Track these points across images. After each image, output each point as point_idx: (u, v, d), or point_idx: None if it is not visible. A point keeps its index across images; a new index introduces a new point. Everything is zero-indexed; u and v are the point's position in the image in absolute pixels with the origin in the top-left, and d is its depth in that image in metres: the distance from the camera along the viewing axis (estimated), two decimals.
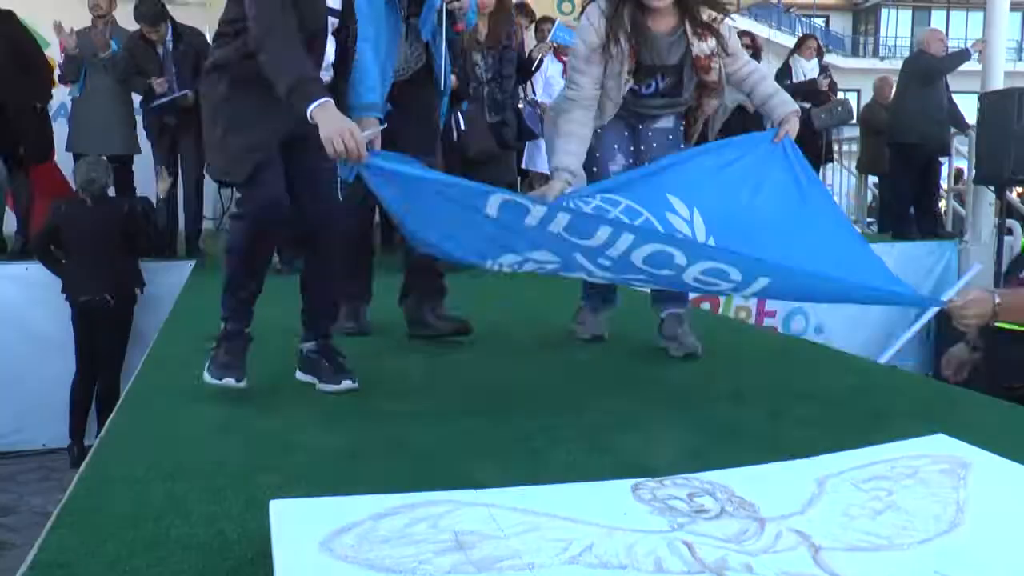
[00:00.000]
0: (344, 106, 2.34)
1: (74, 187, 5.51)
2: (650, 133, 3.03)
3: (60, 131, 7.09)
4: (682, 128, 3.11)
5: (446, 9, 2.97)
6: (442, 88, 3.11)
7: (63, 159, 6.28)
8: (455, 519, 1.42)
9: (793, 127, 2.83)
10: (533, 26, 7.07)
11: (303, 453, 1.95)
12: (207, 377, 2.33)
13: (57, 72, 6.42)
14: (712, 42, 2.86)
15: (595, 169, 2.98)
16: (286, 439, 2.04)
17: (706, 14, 2.83)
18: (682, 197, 2.67)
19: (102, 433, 2.17)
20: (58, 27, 5.95)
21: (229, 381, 2.30)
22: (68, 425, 5.61)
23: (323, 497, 1.52)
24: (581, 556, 1.32)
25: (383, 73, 2.68)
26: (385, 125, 2.47)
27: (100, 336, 5.47)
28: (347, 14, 2.41)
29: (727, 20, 2.93)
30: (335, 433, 2.10)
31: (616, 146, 2.99)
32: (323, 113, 2.11)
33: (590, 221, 2.34)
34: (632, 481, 1.64)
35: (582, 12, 2.95)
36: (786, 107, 2.90)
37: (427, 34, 2.92)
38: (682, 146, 3.08)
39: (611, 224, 2.29)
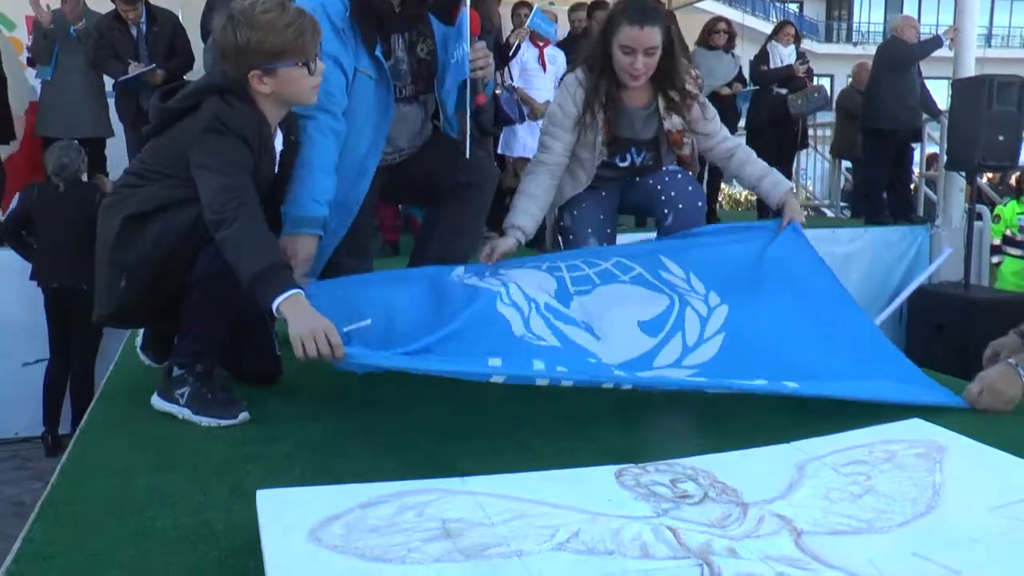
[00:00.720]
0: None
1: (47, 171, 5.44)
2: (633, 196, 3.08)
3: None
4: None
5: (469, 80, 2.73)
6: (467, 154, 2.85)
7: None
8: (442, 507, 1.43)
9: (793, 209, 2.80)
10: (510, 11, 7.05)
11: (287, 444, 1.94)
12: (207, 420, 2.06)
13: (26, 54, 6.33)
14: (684, 117, 2.91)
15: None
16: (269, 430, 2.03)
17: (677, 92, 2.87)
18: (676, 261, 2.59)
19: (82, 423, 2.15)
20: (35, 2, 5.85)
21: (244, 415, 2.07)
22: (42, 413, 5.56)
23: (310, 486, 1.52)
24: (568, 542, 1.34)
25: (361, 169, 2.56)
26: (321, 237, 2.36)
27: (74, 323, 5.41)
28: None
29: (699, 98, 2.95)
30: (318, 424, 2.10)
31: (589, 230, 3.00)
32: (293, 308, 1.84)
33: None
34: (615, 467, 1.66)
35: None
36: (780, 188, 2.90)
37: (451, 108, 2.72)
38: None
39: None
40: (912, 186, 8.28)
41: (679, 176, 3.00)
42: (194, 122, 2.07)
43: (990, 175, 9.01)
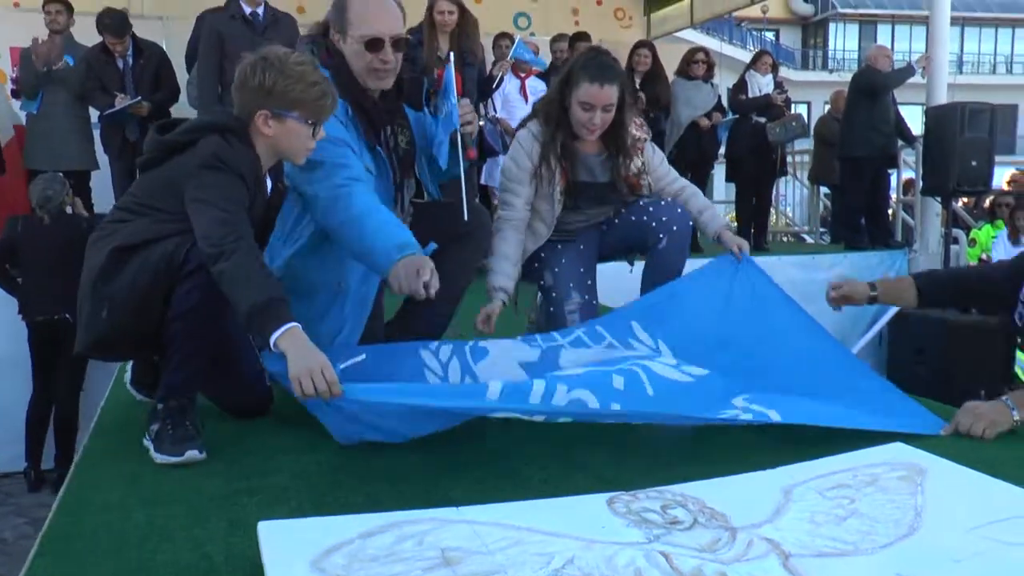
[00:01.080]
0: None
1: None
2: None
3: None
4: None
5: (459, 136, 2.74)
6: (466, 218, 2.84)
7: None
8: (440, 536, 1.46)
9: (730, 240, 2.91)
10: (491, 42, 7.14)
11: (282, 476, 1.96)
12: (160, 457, 2.02)
13: (10, 86, 6.36)
14: (638, 161, 3.04)
15: (552, 309, 3.11)
16: (264, 463, 2.05)
17: (629, 138, 3.00)
18: (646, 328, 2.65)
19: (77, 458, 2.16)
20: (39, 49, 5.90)
21: (193, 454, 2.01)
22: (24, 448, 5.53)
23: (310, 517, 1.55)
24: (564, 569, 1.38)
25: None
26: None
27: (59, 356, 5.39)
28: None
29: (648, 144, 3.09)
30: (312, 455, 2.12)
31: (571, 284, 3.10)
32: (291, 343, 1.86)
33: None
34: (607, 495, 1.70)
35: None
36: (717, 222, 3.10)
37: (443, 163, 2.73)
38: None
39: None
40: (890, 211, 8.41)
41: (662, 202, 3.08)
42: (191, 158, 2.10)
43: (965, 200, 9.16)
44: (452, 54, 3.12)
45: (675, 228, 3.02)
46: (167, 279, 2.03)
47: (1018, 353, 2.52)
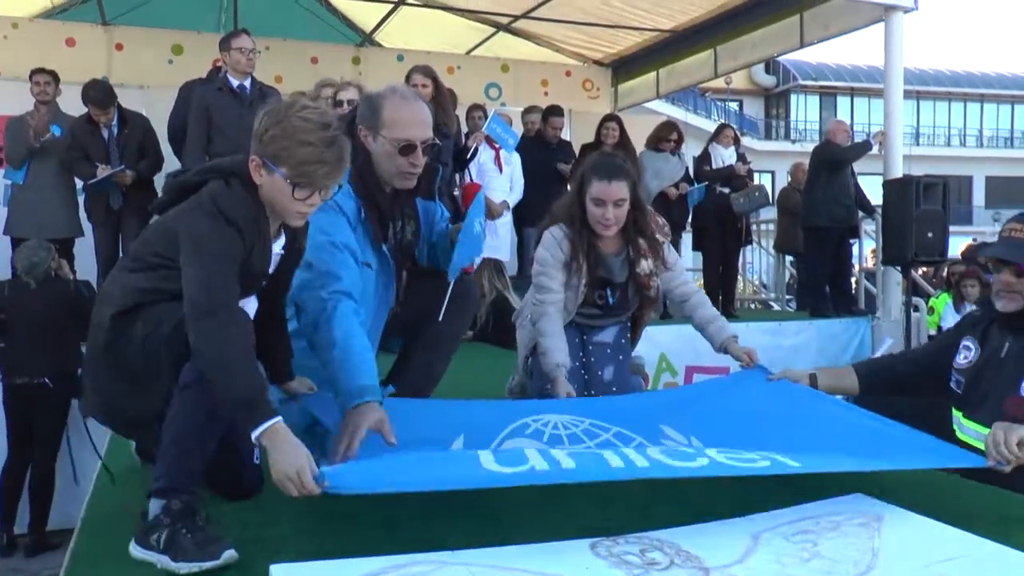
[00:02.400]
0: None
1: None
2: (591, 347, 3.38)
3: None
4: (625, 339, 3.45)
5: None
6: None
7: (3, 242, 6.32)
8: None
9: (737, 352, 3.09)
10: (464, 112, 7.38)
11: (284, 527, 2.05)
12: (186, 566, 1.78)
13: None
14: (651, 263, 3.25)
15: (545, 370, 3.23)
16: (264, 514, 2.14)
17: (645, 240, 3.22)
18: (676, 428, 2.63)
19: (83, 512, 2.24)
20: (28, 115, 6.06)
21: (230, 554, 1.80)
22: None
23: (318, 560, 1.67)
24: None
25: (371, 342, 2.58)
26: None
27: (37, 419, 5.43)
28: (281, 275, 2.25)
29: (666, 246, 3.30)
30: (310, 506, 2.20)
31: (567, 350, 3.26)
32: (273, 441, 1.79)
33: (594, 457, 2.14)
34: (590, 540, 1.84)
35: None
36: (724, 334, 3.20)
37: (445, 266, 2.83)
38: (621, 357, 3.41)
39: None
40: (853, 279, 8.69)
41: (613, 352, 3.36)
42: (194, 199, 2.03)
43: (924, 269, 9.48)
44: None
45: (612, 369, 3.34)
46: (178, 347, 1.90)
47: (955, 413, 2.67)
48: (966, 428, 2.62)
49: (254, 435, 1.79)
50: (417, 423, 2.46)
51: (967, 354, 2.68)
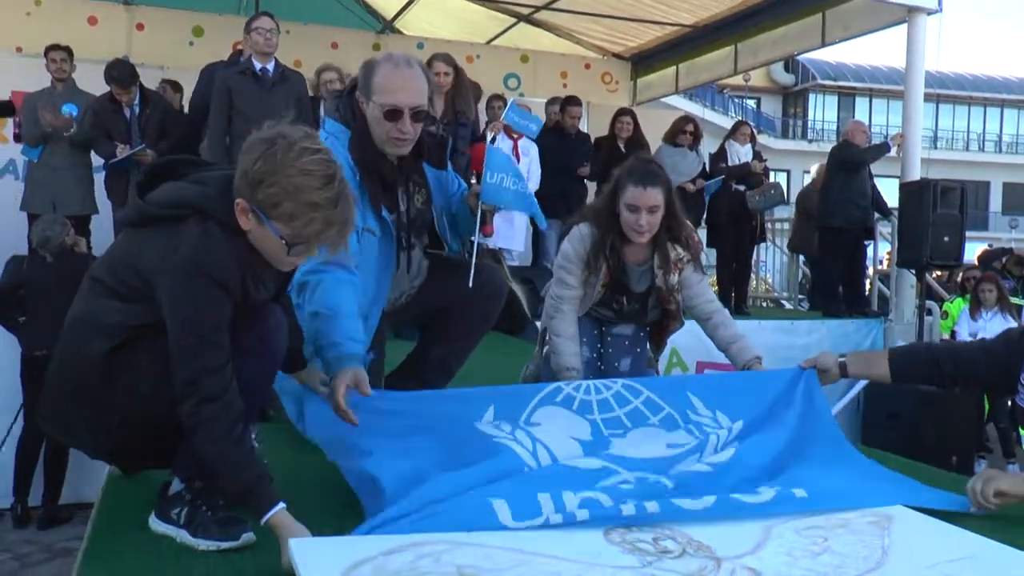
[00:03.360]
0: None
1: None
2: (609, 338, 3.37)
3: (7, 187, 7.18)
4: (644, 332, 3.42)
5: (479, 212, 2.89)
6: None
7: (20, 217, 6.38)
8: (455, 556, 1.62)
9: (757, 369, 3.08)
10: (484, 102, 7.40)
11: (302, 505, 2.06)
12: (205, 543, 1.82)
13: (14, 129, 6.52)
14: (675, 277, 3.20)
15: (555, 369, 3.24)
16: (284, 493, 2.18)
17: (674, 253, 3.17)
18: (703, 400, 2.65)
19: (104, 483, 2.28)
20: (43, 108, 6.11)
21: (249, 536, 1.83)
22: (12, 483, 5.58)
23: (335, 536, 1.71)
24: None
25: (365, 317, 2.61)
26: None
27: None
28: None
29: (691, 264, 3.23)
30: (326, 487, 2.25)
31: (585, 339, 3.29)
32: (281, 522, 1.74)
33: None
34: (603, 527, 1.87)
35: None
36: (746, 354, 3.14)
37: (455, 241, 2.92)
38: (639, 350, 3.39)
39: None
40: (868, 281, 8.68)
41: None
42: (169, 245, 1.80)
43: (939, 273, 9.46)
44: (493, 134, 3.32)
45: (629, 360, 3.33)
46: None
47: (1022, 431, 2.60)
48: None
49: (264, 519, 1.75)
50: (443, 405, 2.48)
51: None
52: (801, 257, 9.99)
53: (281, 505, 1.76)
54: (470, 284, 2.85)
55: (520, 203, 3.14)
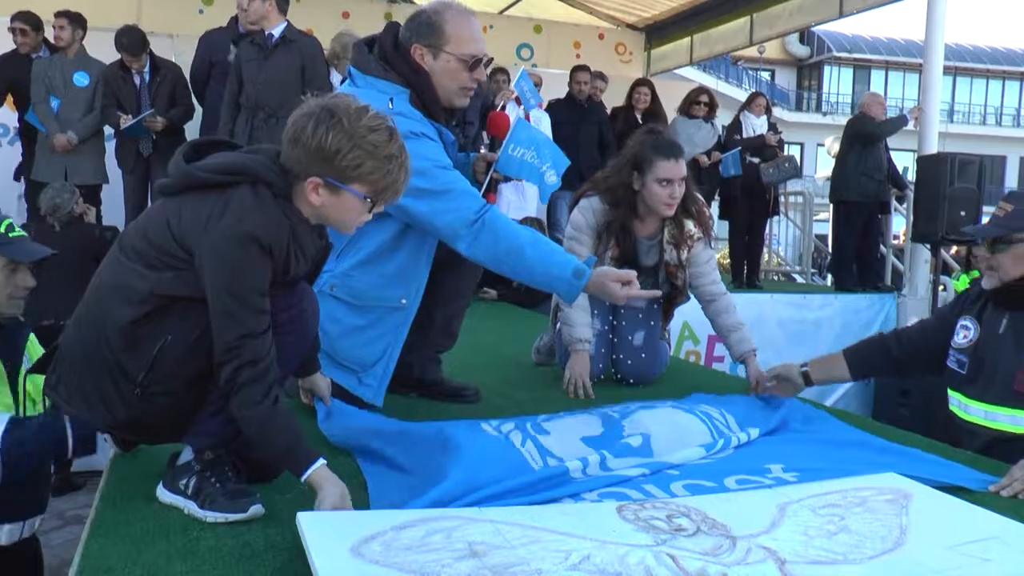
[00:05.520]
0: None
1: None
2: (623, 310, 3.33)
3: (16, 153, 7.14)
4: (657, 305, 3.37)
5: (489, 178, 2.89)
6: None
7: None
8: (466, 532, 1.60)
9: (754, 370, 3.07)
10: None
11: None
12: (212, 515, 1.80)
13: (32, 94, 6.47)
14: (685, 252, 3.20)
15: (566, 342, 3.23)
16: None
17: (686, 228, 3.18)
18: (709, 403, 2.71)
19: (111, 455, 2.26)
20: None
21: (257, 508, 1.81)
22: None
23: (344, 511, 1.68)
24: (581, 564, 1.51)
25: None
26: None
27: None
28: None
29: (700, 242, 3.25)
30: (336, 461, 2.23)
31: (596, 312, 3.27)
32: (322, 478, 1.77)
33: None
34: (616, 503, 1.84)
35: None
36: (743, 346, 3.16)
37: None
38: (652, 323, 3.35)
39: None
40: (881, 256, 8.60)
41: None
42: (216, 209, 1.77)
43: (957, 248, 9.37)
44: (503, 102, 3.30)
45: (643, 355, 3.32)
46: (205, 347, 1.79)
47: (954, 394, 2.66)
48: (972, 409, 2.58)
49: (305, 476, 1.77)
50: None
51: (967, 333, 2.64)
52: (814, 230, 9.91)
53: (322, 461, 1.77)
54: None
55: (534, 178, 3.09)
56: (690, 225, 3.18)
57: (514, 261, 2.44)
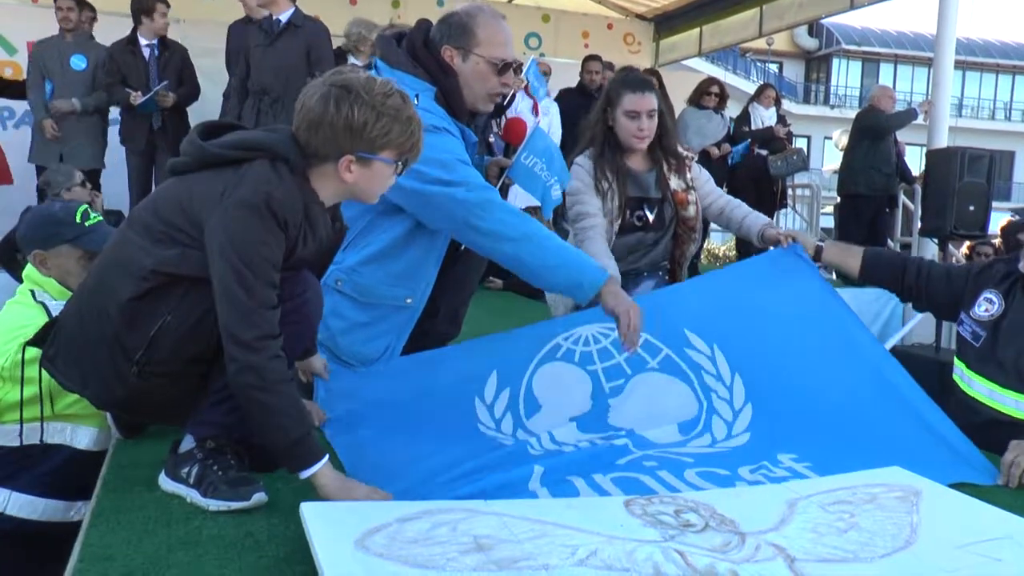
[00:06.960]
0: None
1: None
2: (633, 287, 3.24)
3: (23, 139, 7.12)
4: (661, 274, 3.36)
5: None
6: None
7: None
8: (472, 525, 1.57)
9: (771, 235, 3.04)
10: None
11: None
12: (215, 503, 1.78)
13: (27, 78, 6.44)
14: (688, 175, 3.26)
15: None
16: None
17: (672, 157, 3.24)
18: (700, 334, 2.63)
19: (112, 442, 2.25)
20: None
21: (260, 496, 1.80)
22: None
23: (349, 502, 1.66)
24: (588, 560, 1.49)
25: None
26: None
27: None
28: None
29: (694, 163, 3.33)
30: (344, 453, 2.22)
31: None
32: (321, 480, 1.73)
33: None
34: (624, 498, 1.82)
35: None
36: (760, 221, 3.18)
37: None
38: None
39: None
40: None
41: None
42: (230, 182, 1.76)
43: (969, 244, 9.31)
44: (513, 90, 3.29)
45: None
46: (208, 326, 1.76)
47: (960, 364, 2.66)
48: (977, 384, 2.57)
49: (306, 474, 1.73)
50: (450, 368, 2.50)
51: (989, 307, 2.61)
52: (821, 223, 9.85)
53: (326, 460, 1.75)
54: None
55: (539, 192, 3.00)
56: (679, 148, 3.27)
57: (527, 247, 2.40)
